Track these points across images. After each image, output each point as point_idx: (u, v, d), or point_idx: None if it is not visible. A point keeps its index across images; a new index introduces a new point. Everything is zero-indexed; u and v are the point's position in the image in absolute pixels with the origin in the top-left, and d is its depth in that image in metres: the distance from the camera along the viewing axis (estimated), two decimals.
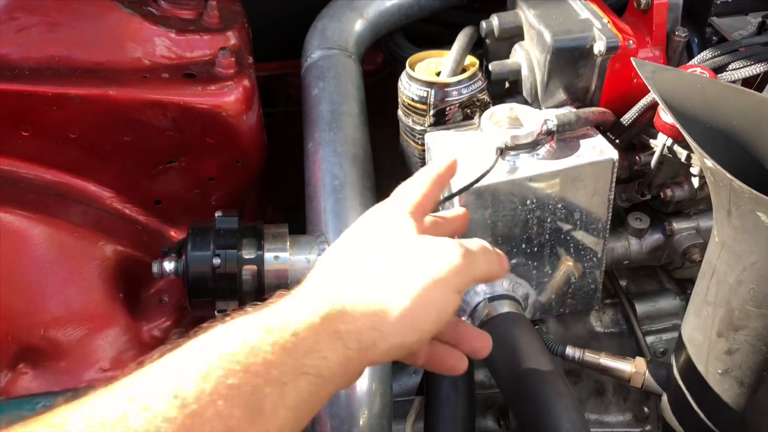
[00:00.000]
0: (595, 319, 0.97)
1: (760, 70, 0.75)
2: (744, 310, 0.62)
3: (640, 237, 0.88)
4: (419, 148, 0.84)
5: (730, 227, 0.59)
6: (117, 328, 0.90)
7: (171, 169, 0.97)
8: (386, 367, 0.81)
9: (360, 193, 0.89)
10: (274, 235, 0.85)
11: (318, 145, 0.95)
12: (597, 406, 0.99)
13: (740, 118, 0.63)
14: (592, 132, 0.78)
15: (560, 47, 0.77)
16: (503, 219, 0.76)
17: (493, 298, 0.79)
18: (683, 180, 0.83)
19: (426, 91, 0.79)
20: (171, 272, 0.84)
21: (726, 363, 0.67)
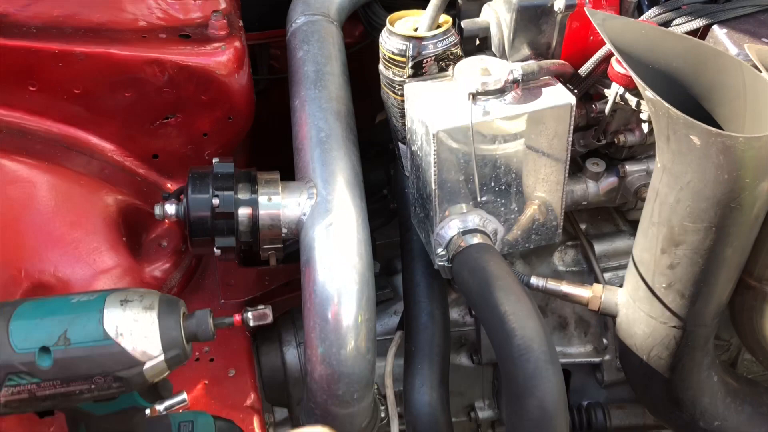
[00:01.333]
0: (557, 260, 1.07)
1: (699, 24, 0.85)
2: (682, 226, 0.72)
3: (596, 180, 0.98)
4: (399, 98, 0.92)
5: (669, 152, 0.69)
6: (120, 268, 0.98)
7: (167, 125, 1.04)
8: (371, 296, 0.89)
9: (344, 144, 0.97)
10: (266, 180, 0.93)
11: (304, 102, 1.02)
12: (560, 340, 1.09)
13: (679, 59, 0.73)
14: (552, 81, 0.87)
15: (524, 6, 0.86)
16: (474, 158, 0.85)
17: (465, 231, 0.88)
18: (634, 126, 0.93)
19: (405, 45, 0.87)
20: (172, 215, 0.91)
21: (669, 277, 0.77)
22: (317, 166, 0.95)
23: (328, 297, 0.87)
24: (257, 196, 0.91)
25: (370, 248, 0.92)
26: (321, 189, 0.93)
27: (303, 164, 0.97)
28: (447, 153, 0.83)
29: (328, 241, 0.89)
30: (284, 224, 0.92)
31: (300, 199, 0.92)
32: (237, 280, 1.06)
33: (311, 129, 0.99)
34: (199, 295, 1.04)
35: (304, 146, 0.99)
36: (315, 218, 0.91)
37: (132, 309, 0.60)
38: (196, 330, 0.64)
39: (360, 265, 0.89)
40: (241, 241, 0.92)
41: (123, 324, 0.59)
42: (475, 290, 0.81)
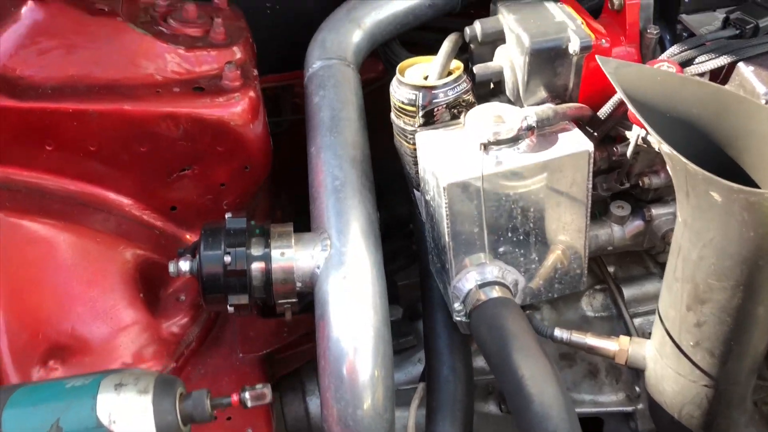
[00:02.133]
0: (586, 305, 1.03)
1: (723, 62, 0.81)
2: (707, 284, 0.68)
3: (622, 224, 0.93)
4: (411, 147, 0.90)
5: (689, 207, 0.65)
6: (138, 325, 0.97)
7: (184, 177, 1.04)
8: (387, 352, 0.87)
9: (359, 191, 0.95)
10: (279, 233, 0.92)
11: (320, 149, 1.01)
12: (591, 387, 1.04)
13: (699, 106, 0.69)
14: (569, 126, 0.84)
15: (537, 48, 0.83)
16: (489, 210, 0.82)
17: (483, 284, 0.85)
18: (659, 168, 0.89)
19: (414, 94, 0.85)
20: (186, 271, 0.91)
21: (696, 335, 0.73)
22: (332, 215, 0.94)
23: (342, 354, 0.85)
24: (270, 251, 0.90)
25: (386, 301, 0.89)
26: (335, 240, 0.91)
27: (318, 214, 0.96)
28: (459, 205, 0.81)
29: (342, 294, 0.87)
30: (298, 278, 0.90)
31: (314, 251, 0.91)
32: (256, 332, 1.05)
33: (326, 177, 0.97)
34: (218, 349, 1.03)
35: (319, 195, 0.97)
36: (329, 271, 0.89)
37: (126, 393, 0.59)
38: (193, 412, 0.63)
39: (375, 319, 0.86)
40: (255, 297, 0.91)
41: (116, 410, 0.58)
42: (493, 350, 0.78)
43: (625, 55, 0.88)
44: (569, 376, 1.05)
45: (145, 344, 0.97)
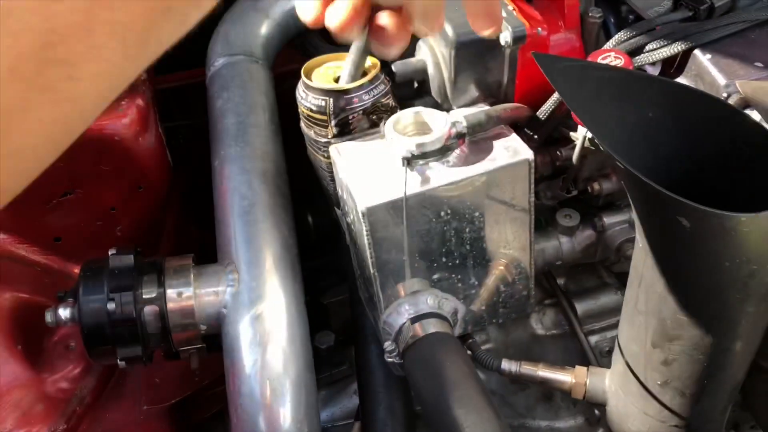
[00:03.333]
0: (535, 322, 0.92)
1: (677, 49, 0.70)
2: (676, 319, 0.57)
3: (570, 235, 0.82)
4: (326, 160, 0.77)
5: (653, 233, 0.54)
6: (17, 383, 0.83)
7: (66, 203, 0.89)
8: (311, 403, 0.74)
9: (271, 212, 0.82)
10: (176, 269, 0.78)
11: (224, 162, 0.87)
12: (546, 412, 0.94)
13: (654, 108, 0.58)
14: (506, 131, 0.72)
15: (464, 41, 0.71)
16: (418, 234, 0.70)
17: (416, 318, 0.73)
18: (611, 172, 0.78)
19: (324, 100, 0.72)
20: (67, 319, 0.76)
21: (664, 374, 0.62)
22: (239, 243, 0.80)
23: (258, 410, 0.73)
24: (165, 290, 0.76)
25: (308, 342, 0.77)
26: (244, 273, 0.78)
27: (224, 241, 0.82)
28: (383, 231, 0.68)
29: (254, 339, 0.74)
30: (201, 320, 0.77)
31: (218, 287, 0.77)
32: (163, 379, 0.91)
33: (232, 196, 0.84)
34: (119, 402, 0.88)
35: (225, 218, 0.84)
36: (237, 311, 0.76)
37: None
38: None
39: (296, 366, 0.74)
40: (151, 347, 0.77)
41: None
42: (430, 401, 0.66)
43: (564, 43, 0.77)
44: (522, 401, 0.95)
45: (27, 406, 0.83)
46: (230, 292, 0.76)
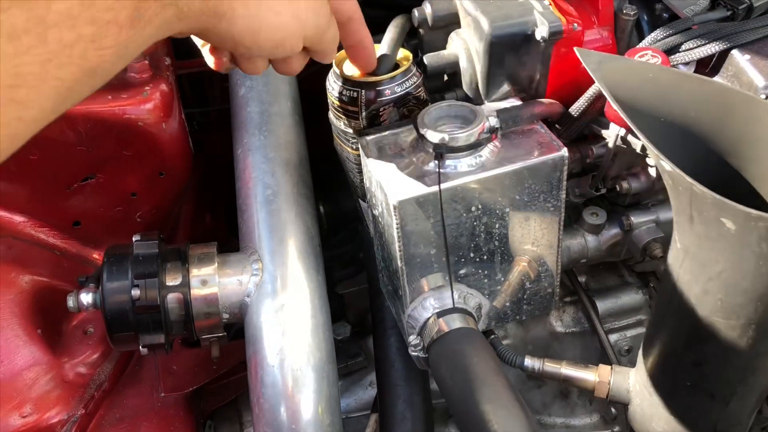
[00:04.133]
0: (555, 319, 0.92)
1: (715, 49, 0.69)
2: (712, 321, 0.57)
3: (596, 233, 0.82)
4: (354, 152, 0.76)
5: (693, 234, 0.53)
6: (36, 367, 0.82)
7: (87, 187, 0.88)
8: (333, 395, 0.74)
9: (295, 202, 0.82)
10: (200, 257, 0.78)
11: (247, 151, 0.87)
12: (562, 410, 0.94)
13: (697, 108, 0.57)
14: (538, 126, 0.71)
15: (499, 35, 0.70)
16: (447, 228, 0.69)
17: (442, 312, 0.73)
18: (640, 171, 0.77)
19: (356, 92, 0.71)
20: (89, 305, 0.76)
21: (694, 376, 0.62)
22: (263, 232, 0.80)
23: (279, 400, 0.72)
24: (189, 278, 0.76)
25: (330, 334, 0.77)
26: (268, 262, 0.77)
27: (247, 229, 0.82)
28: (413, 225, 0.68)
29: (277, 329, 0.74)
30: (224, 309, 0.77)
31: (242, 277, 0.77)
32: (181, 366, 0.90)
33: (256, 185, 0.83)
34: (137, 388, 0.88)
35: (248, 207, 0.83)
36: (261, 300, 0.75)
37: None
38: None
39: (318, 357, 0.74)
40: (173, 335, 0.77)
41: None
42: (457, 396, 0.65)
43: (598, 41, 0.76)
44: (538, 398, 0.95)
45: (46, 389, 0.82)
46: (254, 282, 0.76)
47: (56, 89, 0.39)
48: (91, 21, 0.40)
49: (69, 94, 0.41)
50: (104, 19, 0.41)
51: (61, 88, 0.40)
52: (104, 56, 0.42)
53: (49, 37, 0.38)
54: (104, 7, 0.41)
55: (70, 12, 0.39)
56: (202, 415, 0.95)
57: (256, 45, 0.55)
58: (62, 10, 0.39)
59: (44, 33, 0.38)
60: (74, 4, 0.39)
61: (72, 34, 0.39)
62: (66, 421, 0.82)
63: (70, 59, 0.39)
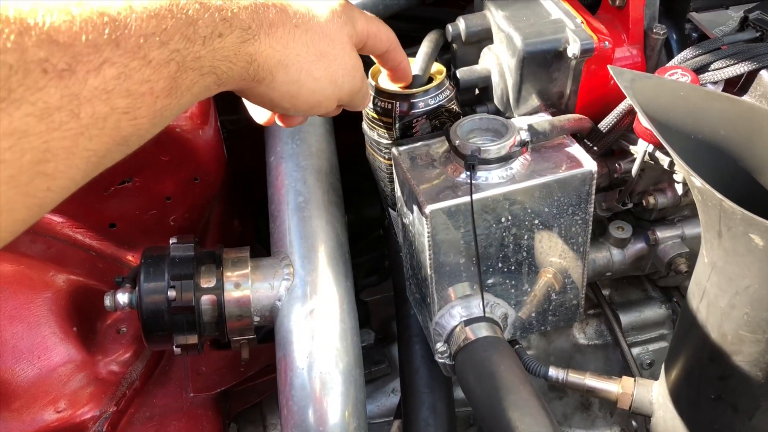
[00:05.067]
0: (578, 331, 0.93)
1: (743, 69, 0.71)
2: (737, 335, 0.58)
3: (622, 247, 0.83)
4: (387, 162, 0.78)
5: (721, 249, 0.55)
6: (71, 364, 0.85)
7: (124, 190, 0.91)
8: (360, 399, 0.76)
9: (326, 209, 0.84)
10: (233, 260, 0.80)
11: (280, 159, 0.89)
12: (583, 421, 0.95)
13: (727, 127, 0.59)
14: (568, 141, 0.73)
15: (531, 51, 0.72)
16: (478, 239, 0.71)
17: (469, 321, 0.74)
18: (666, 186, 0.79)
19: (390, 104, 0.73)
20: (125, 305, 0.78)
21: (718, 389, 0.63)
22: (294, 238, 0.82)
23: (308, 402, 0.74)
24: (223, 281, 0.78)
25: (358, 339, 0.78)
26: (299, 268, 0.79)
27: (279, 236, 0.84)
28: (444, 234, 0.69)
29: (307, 333, 0.75)
30: (256, 312, 0.79)
31: (274, 281, 0.79)
32: (209, 367, 0.92)
33: (288, 192, 0.85)
34: (166, 388, 0.90)
35: (280, 213, 0.85)
36: (292, 304, 0.77)
37: None
38: None
39: (346, 361, 0.75)
40: (206, 336, 0.79)
41: None
42: (485, 403, 0.67)
43: (627, 58, 0.78)
44: (560, 409, 0.96)
45: (80, 386, 0.85)
46: (285, 286, 0.78)
47: (87, 159, 0.39)
48: (126, 94, 0.40)
49: (100, 162, 0.41)
50: (139, 91, 0.40)
51: (92, 158, 0.39)
52: (138, 125, 0.41)
53: (81, 112, 0.38)
54: (140, 79, 0.40)
55: (105, 87, 0.38)
56: (228, 416, 0.97)
57: (294, 107, 0.57)
58: (97, 85, 0.38)
59: (77, 108, 0.37)
60: (110, 79, 0.39)
61: (105, 108, 0.39)
62: (98, 418, 0.84)
63: (102, 131, 0.39)
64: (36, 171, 0.37)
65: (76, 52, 0.37)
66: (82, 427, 0.83)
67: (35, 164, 0.36)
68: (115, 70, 0.39)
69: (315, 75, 0.56)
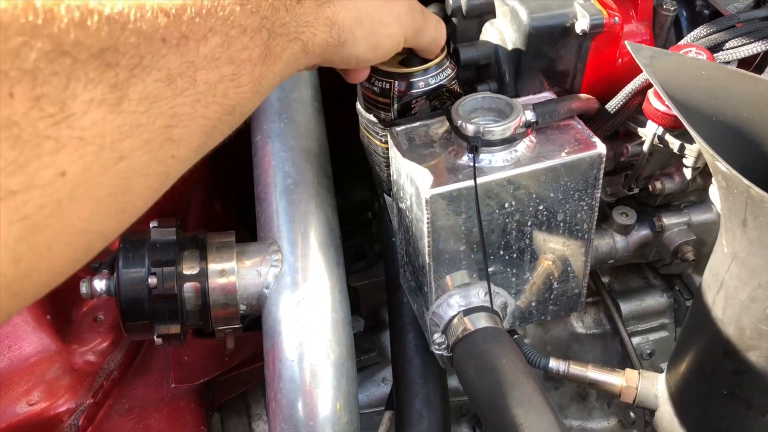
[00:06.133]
0: (576, 320, 0.90)
1: (760, 48, 0.67)
2: (757, 329, 0.55)
3: (626, 234, 0.80)
4: (383, 145, 0.74)
5: (745, 239, 0.51)
6: (44, 354, 0.80)
7: None
8: (352, 391, 0.72)
9: (316, 192, 0.80)
10: (218, 245, 0.75)
11: (267, 138, 0.84)
12: (579, 412, 0.92)
13: (750, 108, 0.55)
14: (574, 122, 0.69)
15: (537, 26, 0.68)
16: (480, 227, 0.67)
17: (468, 311, 0.71)
18: (674, 171, 0.75)
19: (388, 83, 0.69)
20: (102, 292, 0.73)
21: (733, 384, 0.60)
22: (283, 222, 0.78)
23: (297, 395, 0.70)
24: (207, 267, 0.73)
25: (350, 329, 0.74)
26: (287, 254, 0.75)
27: (266, 219, 0.80)
28: (444, 220, 0.65)
29: (297, 323, 0.71)
30: (242, 300, 0.74)
31: (261, 268, 0.75)
32: (192, 357, 0.88)
33: (276, 174, 0.81)
34: (146, 378, 0.86)
35: (267, 196, 0.81)
36: (280, 292, 0.73)
37: None
38: None
39: (338, 353, 0.72)
40: (188, 325, 0.74)
41: None
42: (485, 398, 0.63)
43: (636, 35, 0.74)
44: (555, 399, 0.93)
45: (54, 377, 0.80)
46: (273, 273, 0.74)
47: (203, 128, 0.42)
48: (230, 61, 0.43)
49: (212, 132, 0.44)
50: (240, 58, 0.44)
51: (207, 127, 0.42)
52: (242, 93, 0.45)
53: (198, 78, 0.41)
54: (240, 46, 0.44)
55: (213, 54, 0.42)
56: (211, 407, 0.93)
57: (376, 57, 0.60)
58: (207, 53, 0.41)
59: (194, 75, 0.41)
60: (215, 47, 0.42)
61: (216, 74, 0.42)
62: (74, 410, 0.80)
63: (214, 98, 0.42)
64: (165, 137, 0.39)
65: (185, 21, 0.40)
66: (56, 420, 0.79)
67: (165, 129, 0.39)
68: (218, 38, 0.42)
69: (385, 21, 0.59)
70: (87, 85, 0.35)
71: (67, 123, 0.34)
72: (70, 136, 0.34)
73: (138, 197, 0.40)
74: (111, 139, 0.36)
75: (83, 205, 0.36)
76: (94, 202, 0.37)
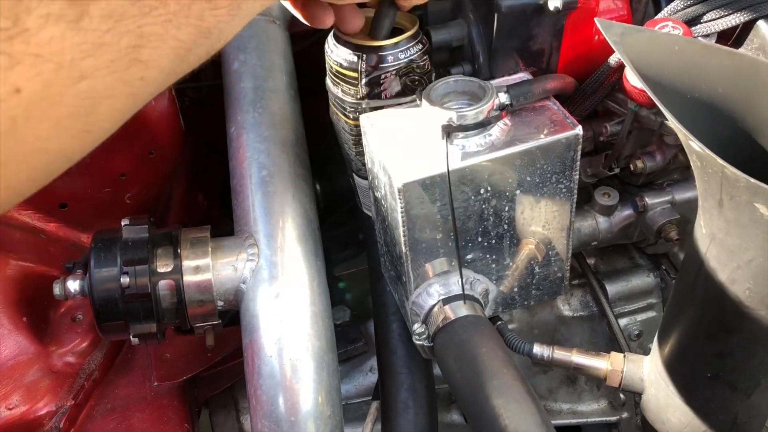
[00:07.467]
0: (562, 303, 0.89)
1: (739, 20, 0.65)
2: (737, 311, 0.53)
3: (608, 214, 0.78)
4: (351, 122, 0.72)
5: (722, 219, 0.50)
6: (22, 357, 0.79)
7: (73, 167, 0.83)
8: (333, 386, 0.71)
9: (292, 183, 0.78)
10: (192, 241, 0.74)
11: (241, 129, 0.82)
12: (569, 396, 0.91)
13: (726, 84, 0.53)
14: (550, 103, 0.67)
15: (510, 5, 0.66)
16: (455, 212, 0.65)
17: (447, 299, 0.69)
18: (655, 149, 0.74)
19: (356, 56, 0.67)
20: (77, 292, 0.72)
21: (716, 367, 0.59)
22: (259, 215, 0.76)
23: (278, 391, 0.69)
24: (181, 264, 0.72)
25: (330, 322, 0.73)
26: (264, 247, 0.74)
27: (242, 212, 0.78)
28: (419, 208, 0.64)
29: (275, 318, 0.70)
30: (219, 296, 0.73)
31: (237, 262, 0.73)
32: (174, 354, 0.87)
33: (251, 165, 0.79)
34: (128, 377, 0.85)
35: (243, 188, 0.79)
36: (257, 287, 0.72)
37: None
38: None
39: (317, 347, 0.70)
40: (165, 323, 0.73)
41: None
42: (465, 388, 0.62)
43: (612, 11, 0.72)
44: (544, 383, 0.92)
45: (33, 380, 0.79)
46: (250, 267, 0.72)
47: (175, 50, 0.40)
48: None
49: (186, 55, 0.42)
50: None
51: (180, 50, 0.41)
52: (219, 16, 0.43)
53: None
54: None
55: None
56: (197, 403, 0.92)
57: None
58: None
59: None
60: None
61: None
62: (55, 413, 0.79)
63: (188, 20, 0.40)
64: (132, 58, 0.38)
65: None
66: (37, 423, 0.78)
67: (131, 49, 0.38)
68: None
69: None
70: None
71: (21, 38, 0.33)
72: (24, 52, 0.33)
73: (104, 119, 0.39)
74: (71, 57, 0.35)
75: (41, 125, 0.35)
76: (53, 121, 0.36)
